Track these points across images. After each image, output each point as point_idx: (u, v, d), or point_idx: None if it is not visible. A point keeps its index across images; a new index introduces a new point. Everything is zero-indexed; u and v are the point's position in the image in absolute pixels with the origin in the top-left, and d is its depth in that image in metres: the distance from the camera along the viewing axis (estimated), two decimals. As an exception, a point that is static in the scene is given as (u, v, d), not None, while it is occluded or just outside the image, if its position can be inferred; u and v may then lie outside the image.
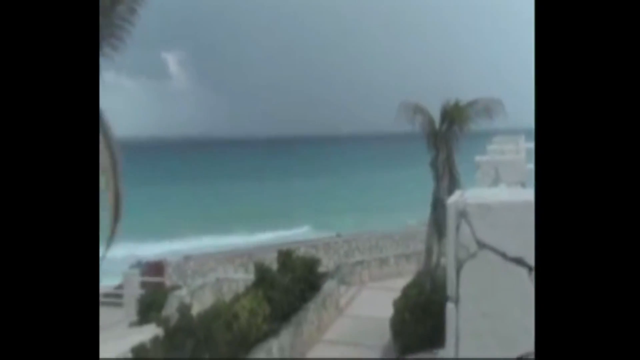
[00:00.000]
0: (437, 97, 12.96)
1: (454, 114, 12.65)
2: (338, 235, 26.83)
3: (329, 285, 14.69)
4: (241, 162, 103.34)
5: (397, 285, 13.38)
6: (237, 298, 12.62)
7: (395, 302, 12.07)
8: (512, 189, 4.52)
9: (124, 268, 21.21)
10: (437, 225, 12.39)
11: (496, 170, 6.38)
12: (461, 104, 12.75)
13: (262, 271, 13.03)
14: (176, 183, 75.07)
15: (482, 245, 2.31)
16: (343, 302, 16.03)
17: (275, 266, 13.80)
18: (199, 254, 22.48)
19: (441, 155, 12.69)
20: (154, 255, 25.38)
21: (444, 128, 12.80)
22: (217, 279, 17.36)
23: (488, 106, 12.76)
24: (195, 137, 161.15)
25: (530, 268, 2.22)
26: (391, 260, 20.16)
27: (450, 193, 7.96)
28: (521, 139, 9.42)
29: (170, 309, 13.82)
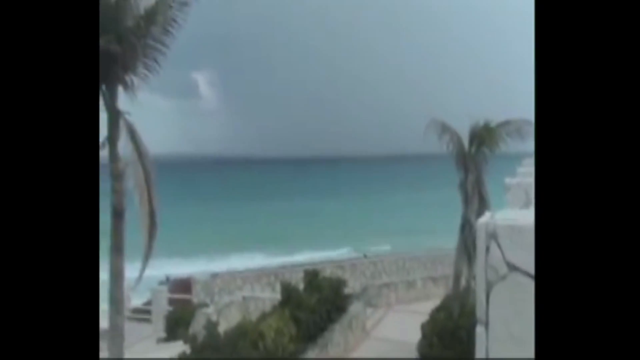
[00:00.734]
0: (465, 118, 12.80)
1: (484, 135, 12.50)
2: (365, 256, 26.68)
3: (356, 307, 14.54)
4: (272, 182, 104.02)
5: (425, 308, 13.13)
6: (264, 317, 12.59)
7: (422, 326, 11.85)
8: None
9: (153, 285, 21.45)
10: (466, 247, 12.16)
11: (526, 193, 6.27)
12: (492, 124, 12.59)
13: (289, 290, 12.99)
14: (206, 201, 75.82)
15: (512, 267, 2.28)
16: (369, 325, 15.81)
17: (301, 286, 13.75)
18: (226, 272, 22.61)
19: (470, 177, 12.52)
20: (181, 273, 25.59)
21: (473, 149, 12.65)
22: (244, 298, 17.40)
23: (520, 127, 12.56)
24: (224, 156, 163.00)
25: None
26: (418, 283, 19.84)
27: (479, 215, 7.83)
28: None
29: (197, 326, 13.88)
